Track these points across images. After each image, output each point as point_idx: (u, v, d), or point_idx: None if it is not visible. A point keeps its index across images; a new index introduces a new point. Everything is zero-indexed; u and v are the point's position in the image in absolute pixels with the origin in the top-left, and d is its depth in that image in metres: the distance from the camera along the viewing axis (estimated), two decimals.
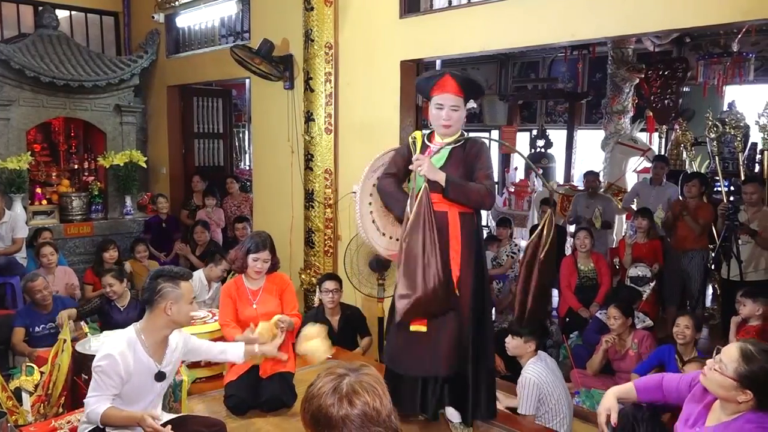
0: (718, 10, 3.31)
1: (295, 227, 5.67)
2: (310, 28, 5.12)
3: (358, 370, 1.43)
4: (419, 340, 2.82)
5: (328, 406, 1.37)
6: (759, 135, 6.16)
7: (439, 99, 2.80)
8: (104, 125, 7.14)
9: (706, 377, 2.17)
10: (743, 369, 2.05)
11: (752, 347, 2.11)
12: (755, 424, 2.07)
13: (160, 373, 2.62)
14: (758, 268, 5.06)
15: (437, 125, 2.85)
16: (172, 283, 2.58)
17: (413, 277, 2.68)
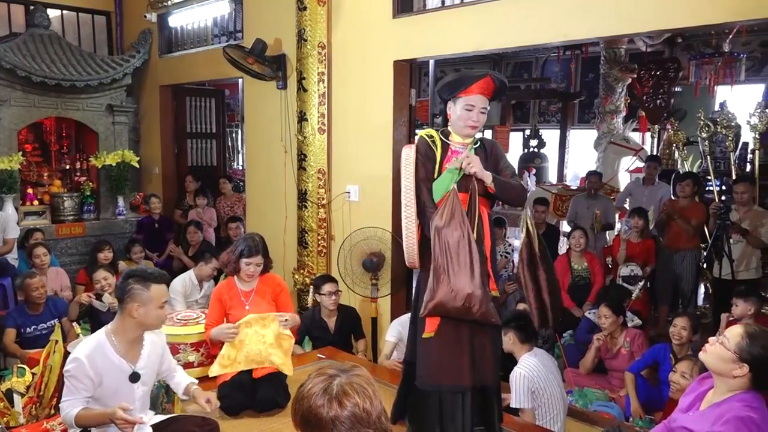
0: (710, 11, 3.33)
1: (289, 227, 5.66)
2: (303, 28, 5.11)
3: (348, 371, 1.43)
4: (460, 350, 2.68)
5: (318, 407, 1.36)
6: (750, 135, 6.19)
7: (471, 100, 2.68)
8: (96, 125, 7.10)
9: (706, 352, 2.24)
10: (745, 344, 2.14)
11: (756, 328, 2.22)
12: (744, 402, 2.14)
13: (134, 374, 2.60)
14: (749, 267, 5.09)
15: (463, 126, 2.72)
16: (142, 285, 2.54)
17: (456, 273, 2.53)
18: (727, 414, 2.11)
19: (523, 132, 11.57)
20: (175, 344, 3.90)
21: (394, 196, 4.93)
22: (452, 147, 2.75)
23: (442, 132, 2.81)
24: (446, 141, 2.76)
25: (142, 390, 2.67)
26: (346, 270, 4.78)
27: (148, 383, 2.74)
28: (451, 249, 2.55)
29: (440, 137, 2.77)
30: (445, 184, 2.68)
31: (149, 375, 2.71)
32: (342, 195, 5.30)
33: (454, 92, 2.71)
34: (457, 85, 2.70)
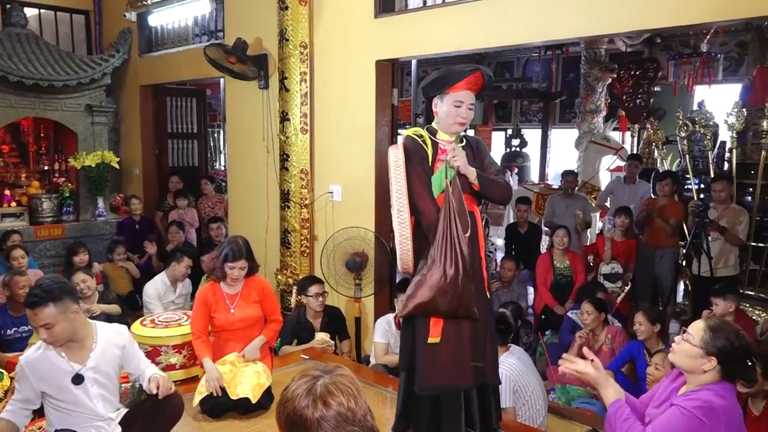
0: (687, 11, 3.37)
1: (271, 228, 5.64)
2: (284, 28, 5.09)
3: (332, 371, 1.43)
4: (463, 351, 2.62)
5: (302, 408, 1.36)
6: (727, 134, 6.28)
7: (459, 96, 2.60)
8: (75, 125, 7.02)
9: (674, 353, 2.26)
10: (709, 337, 2.17)
11: (717, 321, 2.27)
12: (712, 391, 2.17)
13: (76, 376, 2.60)
14: (728, 264, 5.16)
15: (451, 123, 2.64)
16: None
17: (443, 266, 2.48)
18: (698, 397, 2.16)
19: (505, 131, 11.64)
20: (157, 346, 3.88)
21: (377, 196, 4.93)
22: (440, 145, 2.67)
23: (428, 130, 2.72)
24: (434, 139, 2.69)
25: (97, 390, 2.66)
26: (330, 270, 4.77)
27: (105, 381, 2.71)
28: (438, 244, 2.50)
29: (428, 135, 2.69)
30: (438, 183, 2.61)
31: (103, 374, 2.69)
32: (325, 195, 5.29)
33: (441, 88, 2.62)
34: (446, 80, 2.62)
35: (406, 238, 2.55)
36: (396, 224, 2.55)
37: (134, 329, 3.98)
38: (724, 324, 2.26)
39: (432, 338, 2.61)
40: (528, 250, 6.31)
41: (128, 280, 6.01)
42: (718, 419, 2.10)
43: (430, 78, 2.69)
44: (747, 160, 6.56)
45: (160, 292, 5.03)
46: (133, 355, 2.86)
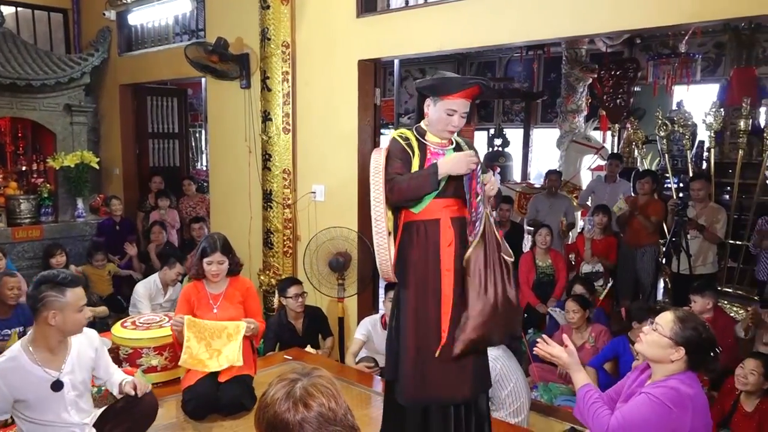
0: (665, 13, 3.41)
1: (254, 228, 5.61)
2: (266, 27, 5.07)
3: (309, 373, 1.43)
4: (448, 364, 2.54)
5: (283, 412, 1.36)
6: (706, 133, 6.37)
7: (453, 104, 2.51)
8: (54, 125, 6.92)
9: (642, 342, 2.31)
10: (678, 328, 2.23)
11: (684, 311, 2.33)
12: (678, 380, 2.22)
13: (56, 382, 2.54)
14: (706, 261, 5.24)
15: (442, 129, 2.57)
16: (57, 290, 2.46)
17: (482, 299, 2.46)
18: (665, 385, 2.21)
19: (488, 131, 11.68)
20: (138, 348, 3.84)
21: (359, 196, 4.93)
22: (431, 148, 2.59)
23: (417, 130, 2.63)
24: (423, 141, 2.59)
25: (73, 395, 2.61)
26: (313, 270, 4.76)
27: (80, 387, 2.66)
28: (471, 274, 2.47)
29: (416, 137, 2.60)
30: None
31: (79, 379, 2.65)
32: (307, 195, 5.27)
33: (438, 94, 2.54)
34: (444, 88, 2.54)
35: (384, 248, 2.52)
36: (374, 233, 2.52)
37: (115, 331, 3.95)
38: (692, 315, 2.33)
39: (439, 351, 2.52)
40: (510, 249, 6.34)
41: (109, 282, 5.96)
42: (685, 406, 2.15)
43: (428, 81, 2.61)
44: (725, 159, 6.66)
45: (151, 292, 5.01)
46: (104, 359, 2.83)
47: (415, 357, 2.55)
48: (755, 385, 3.32)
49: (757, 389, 3.34)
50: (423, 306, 2.55)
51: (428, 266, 2.54)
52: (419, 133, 2.62)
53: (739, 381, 3.36)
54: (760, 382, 3.32)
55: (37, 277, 2.56)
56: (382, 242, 2.51)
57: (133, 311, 4.95)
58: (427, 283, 2.54)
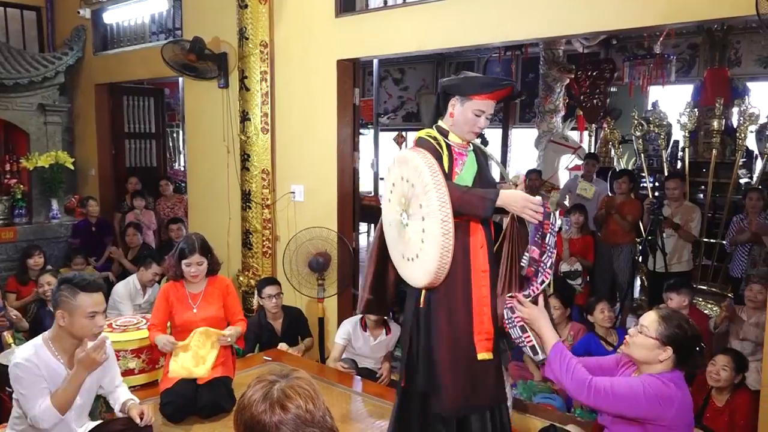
0: (639, 14, 3.46)
1: (232, 229, 5.57)
2: (244, 26, 5.04)
3: (288, 375, 1.43)
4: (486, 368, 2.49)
5: (260, 413, 1.35)
6: (680, 133, 6.47)
7: (482, 105, 2.44)
8: (27, 125, 6.81)
9: (629, 345, 2.30)
10: (663, 328, 2.23)
11: (667, 310, 2.36)
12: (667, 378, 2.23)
13: None
14: (681, 259, 5.31)
15: (467, 131, 2.48)
16: (70, 292, 2.45)
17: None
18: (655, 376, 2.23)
19: None
20: (115, 351, 3.78)
21: (339, 196, 4.92)
22: (454, 149, 2.51)
23: (439, 130, 2.53)
24: (447, 141, 2.51)
25: (80, 401, 2.56)
26: (292, 271, 4.74)
27: (86, 394, 2.62)
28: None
29: (441, 137, 2.50)
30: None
31: (87, 386, 2.59)
32: (287, 195, 5.25)
33: (467, 92, 2.44)
34: (476, 87, 2.45)
35: (448, 250, 2.30)
36: (438, 235, 2.26)
37: None
38: (675, 313, 2.35)
39: (482, 354, 2.46)
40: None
41: None
42: (671, 406, 2.17)
43: (457, 80, 2.52)
44: (699, 159, 6.77)
45: (130, 292, 4.96)
46: (112, 368, 2.78)
47: (452, 364, 2.45)
48: (727, 381, 3.38)
49: (728, 384, 3.40)
50: (455, 310, 2.46)
51: (458, 269, 2.42)
52: (441, 133, 2.52)
53: (711, 377, 3.42)
54: (732, 377, 3.38)
55: (61, 276, 2.58)
56: (448, 244, 2.29)
57: (112, 313, 4.89)
58: (456, 286, 2.45)
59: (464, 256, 2.44)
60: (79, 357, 2.44)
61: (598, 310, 4.15)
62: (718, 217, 6.21)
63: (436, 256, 2.29)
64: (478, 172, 2.53)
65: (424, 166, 2.31)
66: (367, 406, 3.60)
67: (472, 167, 2.53)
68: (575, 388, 2.22)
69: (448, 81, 2.54)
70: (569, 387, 2.24)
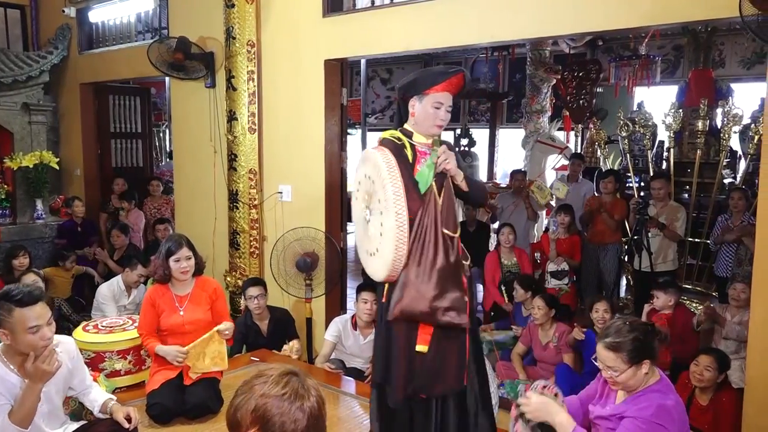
0: (624, 15, 3.49)
1: (219, 229, 5.55)
2: (231, 26, 5.02)
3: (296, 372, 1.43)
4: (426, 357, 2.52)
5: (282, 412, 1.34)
6: (665, 133, 6.52)
7: (440, 97, 2.51)
8: (11, 125, 6.74)
9: (616, 383, 2.31)
10: (625, 354, 2.24)
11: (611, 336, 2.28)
12: (658, 393, 2.26)
13: None
14: (667, 259, 5.36)
15: (430, 125, 2.54)
16: (5, 310, 2.32)
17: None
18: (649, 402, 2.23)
19: (454, 131, 11.77)
20: (101, 352, 3.77)
21: (326, 196, 4.92)
22: (418, 148, 2.57)
23: (403, 132, 2.60)
24: (411, 141, 2.57)
25: (46, 407, 2.50)
26: (280, 271, 4.73)
27: (55, 399, 2.57)
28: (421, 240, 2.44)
29: (406, 138, 2.57)
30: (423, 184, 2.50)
31: (54, 391, 2.54)
32: (274, 195, 5.24)
33: (422, 89, 2.52)
34: (427, 81, 2.53)
35: (403, 243, 2.38)
36: (394, 228, 2.37)
37: (76, 335, 3.85)
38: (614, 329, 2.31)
39: (420, 346, 2.50)
40: (477, 249, 6.40)
41: (70, 284, 5.82)
42: (672, 419, 2.19)
43: (409, 77, 2.59)
44: (684, 159, 6.83)
45: (115, 293, 4.92)
46: (80, 369, 2.71)
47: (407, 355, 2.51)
48: (710, 381, 3.42)
49: (711, 384, 3.44)
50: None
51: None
52: (406, 134, 2.59)
53: (695, 377, 3.45)
54: (715, 377, 3.42)
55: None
56: (403, 237, 2.38)
57: (96, 314, 4.86)
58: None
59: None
60: (28, 370, 2.33)
61: (594, 310, 4.20)
62: (702, 217, 6.27)
63: (392, 249, 2.38)
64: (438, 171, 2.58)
65: (381, 162, 2.41)
66: (355, 406, 3.61)
67: (433, 165, 2.55)
68: None
69: (402, 81, 2.61)
70: None
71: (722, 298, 5.00)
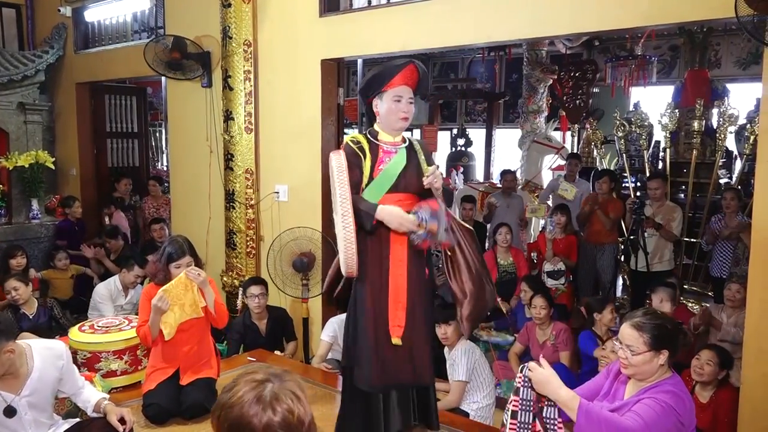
0: (621, 15, 3.50)
1: (214, 228, 5.54)
2: (227, 25, 5.01)
3: (279, 376, 1.38)
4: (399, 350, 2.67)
5: (251, 415, 1.30)
6: (661, 134, 6.54)
7: (398, 91, 2.60)
8: (6, 124, 6.72)
9: (628, 366, 2.29)
10: (647, 337, 2.24)
11: (637, 318, 2.30)
12: (670, 386, 2.24)
13: (8, 408, 2.40)
14: (663, 259, 5.37)
15: (394, 119, 2.63)
16: None
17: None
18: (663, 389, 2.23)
19: (451, 131, 11.78)
20: (97, 352, 3.76)
21: (323, 196, 4.91)
22: (383, 147, 2.65)
23: (370, 132, 2.70)
24: (375, 142, 2.66)
25: (31, 415, 2.48)
26: (276, 271, 4.72)
27: (40, 405, 2.53)
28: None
29: (368, 139, 2.67)
30: (383, 186, 2.62)
31: (39, 399, 2.51)
32: (271, 195, 5.23)
33: (379, 87, 2.63)
34: (382, 78, 2.62)
35: (351, 242, 2.53)
36: (340, 228, 2.55)
37: (72, 335, 3.85)
38: (641, 315, 2.33)
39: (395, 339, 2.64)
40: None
41: (70, 285, 5.80)
42: (686, 409, 2.20)
43: (365, 80, 2.71)
44: (680, 159, 6.85)
45: (112, 293, 4.91)
46: (71, 373, 2.67)
47: (375, 345, 2.64)
48: (711, 376, 3.43)
49: (712, 380, 3.44)
50: (379, 296, 2.66)
51: (382, 258, 2.65)
52: (372, 135, 2.69)
53: (695, 372, 3.46)
54: (716, 372, 3.43)
55: None
56: (350, 236, 2.52)
57: (93, 314, 4.84)
58: (381, 273, 2.65)
59: (387, 246, 2.65)
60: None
61: (607, 310, 4.24)
62: (698, 217, 6.29)
63: (342, 247, 2.56)
64: (405, 168, 2.66)
65: (334, 165, 2.56)
66: None
67: (400, 163, 2.67)
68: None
69: (360, 86, 2.75)
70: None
71: (718, 298, 5.01)
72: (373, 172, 2.64)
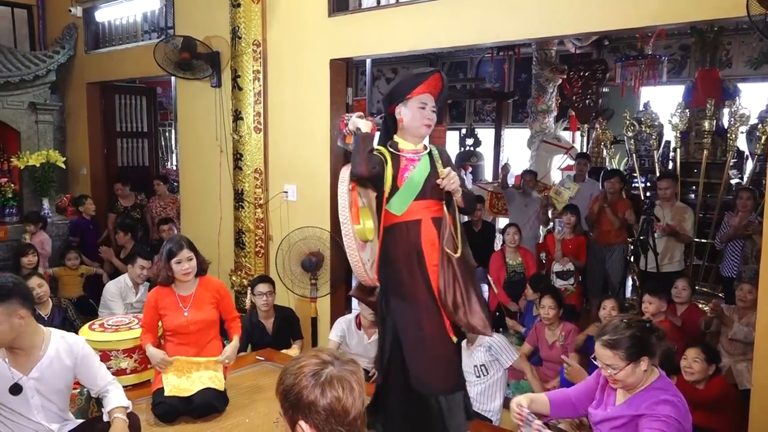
0: (631, 14, 3.48)
1: (224, 228, 5.56)
2: (237, 25, 5.03)
3: (344, 362, 1.45)
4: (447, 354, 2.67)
5: (302, 387, 1.39)
6: (672, 134, 6.50)
7: (422, 98, 2.64)
8: (18, 124, 6.78)
9: (617, 381, 2.31)
10: (622, 351, 2.24)
11: (608, 333, 2.30)
12: (660, 390, 2.26)
13: (14, 385, 2.43)
14: (673, 259, 5.34)
15: (418, 126, 2.65)
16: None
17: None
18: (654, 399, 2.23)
19: (460, 131, 11.76)
20: (107, 351, 3.77)
21: (332, 196, 4.91)
22: (406, 156, 2.67)
23: (390, 145, 2.70)
24: (396, 152, 2.66)
25: (38, 400, 2.50)
26: (285, 270, 4.74)
27: (50, 394, 2.54)
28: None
29: (389, 150, 2.67)
30: (411, 194, 2.62)
31: (49, 387, 2.53)
32: (280, 195, 5.24)
33: (404, 94, 2.64)
34: (408, 86, 2.65)
35: (353, 250, 2.59)
36: (344, 237, 2.61)
37: (82, 333, 3.86)
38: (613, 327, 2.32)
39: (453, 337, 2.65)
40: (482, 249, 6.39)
41: (80, 284, 5.84)
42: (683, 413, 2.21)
43: (390, 88, 2.71)
44: (690, 159, 6.81)
45: (122, 290, 4.92)
46: (89, 368, 2.67)
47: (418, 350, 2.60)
48: (701, 372, 3.41)
49: (703, 376, 3.43)
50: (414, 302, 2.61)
51: (413, 263, 2.61)
52: (392, 147, 2.69)
53: (686, 372, 3.45)
54: (705, 368, 3.41)
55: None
56: (351, 244, 2.60)
57: (103, 312, 4.86)
58: (414, 279, 2.62)
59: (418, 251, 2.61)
60: None
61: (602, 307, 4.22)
62: (709, 217, 6.25)
63: (348, 256, 2.63)
64: (429, 174, 2.65)
65: (341, 178, 2.62)
66: None
67: (424, 169, 2.66)
68: None
69: (385, 95, 2.73)
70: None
71: (729, 299, 4.97)
72: (397, 180, 2.63)
